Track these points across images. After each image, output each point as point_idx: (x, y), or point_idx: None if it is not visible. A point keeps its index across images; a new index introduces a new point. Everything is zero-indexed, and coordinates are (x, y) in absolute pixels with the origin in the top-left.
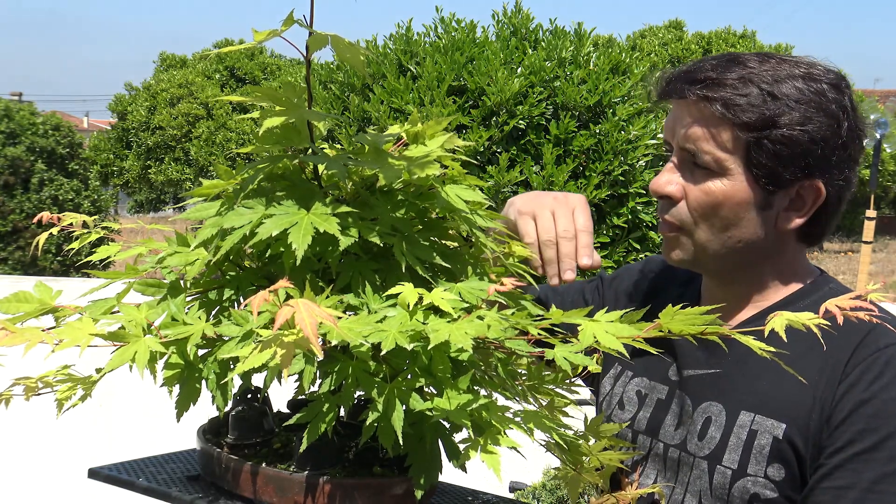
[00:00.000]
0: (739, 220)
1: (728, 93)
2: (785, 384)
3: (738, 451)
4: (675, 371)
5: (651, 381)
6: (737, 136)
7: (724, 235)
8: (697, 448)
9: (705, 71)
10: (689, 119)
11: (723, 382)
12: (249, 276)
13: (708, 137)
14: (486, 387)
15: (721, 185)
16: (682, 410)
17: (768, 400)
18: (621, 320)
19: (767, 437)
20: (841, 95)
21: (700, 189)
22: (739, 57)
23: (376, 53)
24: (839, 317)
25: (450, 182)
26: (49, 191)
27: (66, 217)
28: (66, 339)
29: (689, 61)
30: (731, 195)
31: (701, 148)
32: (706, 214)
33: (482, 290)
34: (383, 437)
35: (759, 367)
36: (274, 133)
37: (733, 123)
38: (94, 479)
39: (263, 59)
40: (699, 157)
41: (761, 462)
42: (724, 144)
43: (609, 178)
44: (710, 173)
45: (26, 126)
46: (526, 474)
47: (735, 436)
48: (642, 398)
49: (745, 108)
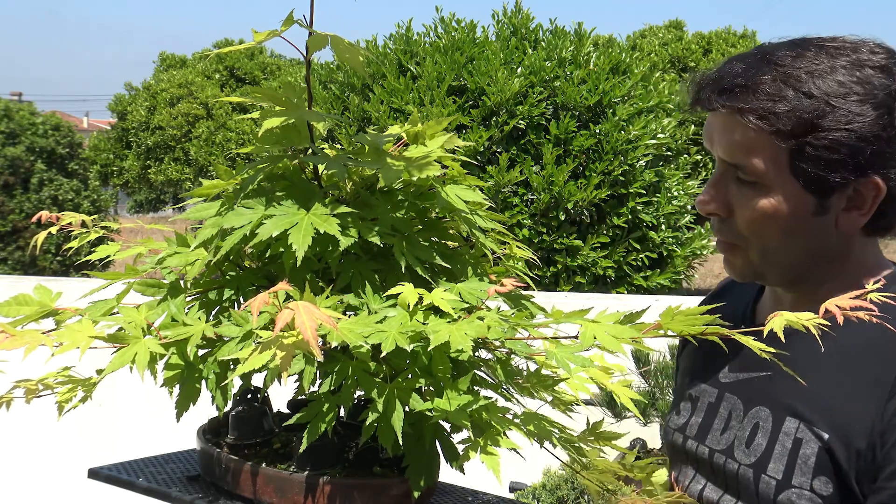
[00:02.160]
0: (795, 231)
1: (761, 101)
2: (832, 390)
3: (783, 461)
4: (725, 374)
5: (703, 384)
6: (776, 145)
7: (781, 248)
8: (744, 455)
9: (734, 77)
10: (723, 131)
11: (773, 386)
12: (249, 276)
13: (746, 151)
14: (486, 387)
15: (769, 200)
16: (731, 415)
17: (814, 407)
18: (621, 321)
19: (812, 447)
20: (891, 79)
21: (748, 206)
22: (771, 54)
23: (376, 53)
24: (839, 316)
25: (450, 182)
26: (49, 191)
27: (65, 216)
28: (66, 342)
29: (689, 62)
30: (780, 209)
31: (740, 162)
32: (758, 231)
33: (482, 290)
34: (383, 437)
35: (809, 371)
36: (274, 133)
37: (770, 133)
38: (94, 479)
39: (263, 59)
40: (742, 171)
41: (806, 474)
42: (765, 156)
43: (609, 178)
44: (755, 187)
45: (26, 126)
46: (526, 474)
47: (780, 444)
48: (694, 402)
49: (781, 115)
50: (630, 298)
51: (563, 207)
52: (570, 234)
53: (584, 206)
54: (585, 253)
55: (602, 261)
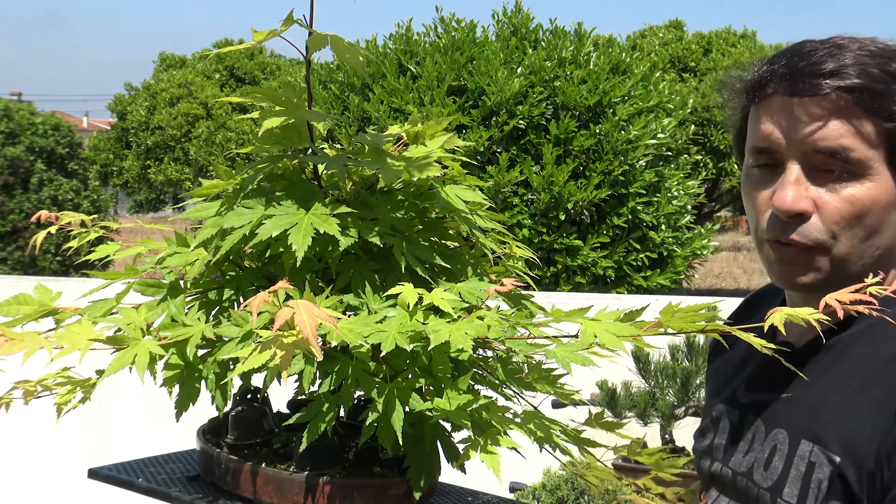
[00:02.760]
0: (883, 225)
1: (864, 80)
2: (846, 412)
3: (798, 485)
4: (743, 393)
5: (724, 404)
6: (881, 128)
7: (866, 245)
8: (762, 478)
9: (822, 62)
10: (819, 117)
11: (791, 408)
12: (249, 276)
13: (852, 134)
14: (486, 386)
15: (865, 188)
16: (754, 437)
17: (828, 429)
18: (621, 320)
19: (825, 471)
20: None
21: (840, 198)
22: (838, 40)
23: (376, 53)
24: (839, 311)
25: (450, 182)
26: (48, 191)
27: (65, 216)
28: (65, 344)
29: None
30: (877, 198)
31: (844, 146)
32: (849, 225)
33: (482, 290)
34: (383, 437)
35: (825, 392)
36: (274, 133)
37: (877, 114)
38: (94, 479)
39: (263, 59)
40: (842, 158)
41: (819, 498)
42: (870, 139)
43: (609, 178)
44: (849, 177)
45: (26, 126)
46: (526, 474)
47: (795, 468)
48: (716, 423)
49: (886, 93)
50: (630, 298)
51: (563, 207)
52: (570, 234)
53: (584, 206)
54: (585, 253)
55: (602, 261)
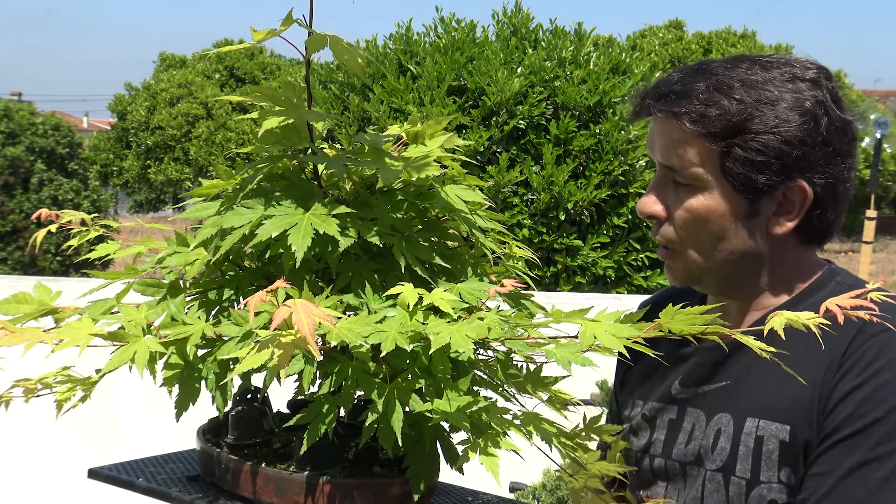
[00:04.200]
0: (726, 233)
1: (694, 104)
2: (787, 386)
3: (749, 460)
4: (678, 389)
5: (657, 402)
6: (708, 147)
7: (715, 250)
8: (710, 461)
9: (671, 84)
10: (661, 135)
11: (731, 393)
12: (249, 276)
13: (681, 153)
14: (486, 387)
15: (702, 199)
16: (694, 427)
17: (771, 403)
18: (621, 321)
19: (774, 442)
20: (818, 90)
21: (683, 207)
22: (707, 65)
23: (376, 53)
24: (840, 316)
25: (450, 182)
26: (49, 191)
27: (65, 214)
28: (65, 339)
29: (689, 61)
30: (713, 209)
31: (675, 164)
32: (693, 232)
33: (482, 290)
34: (383, 437)
35: (763, 373)
36: (273, 133)
37: (702, 136)
38: (94, 479)
39: (263, 59)
40: (678, 174)
41: (772, 468)
42: (697, 159)
43: (609, 178)
44: (690, 189)
45: (26, 126)
46: (526, 474)
47: (743, 444)
48: (650, 421)
49: (713, 118)
50: (630, 298)
51: (563, 207)
52: (570, 234)
53: (584, 206)
54: (585, 253)
55: (602, 261)
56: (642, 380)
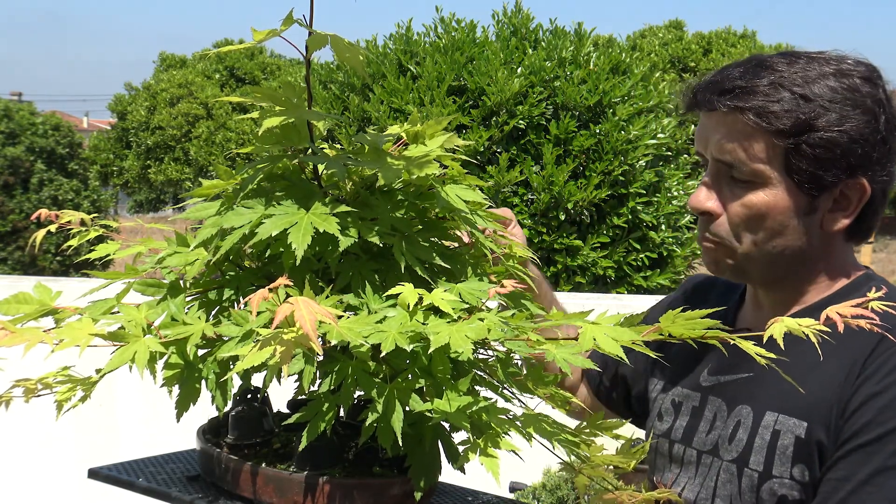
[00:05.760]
0: (784, 229)
1: (760, 100)
2: (808, 383)
3: (763, 453)
4: (706, 377)
5: (685, 389)
6: (773, 144)
7: (769, 245)
8: (727, 452)
9: (734, 79)
10: (722, 131)
11: (754, 385)
12: (249, 275)
13: (744, 149)
14: (486, 387)
15: (762, 196)
16: (716, 416)
17: (791, 399)
18: (621, 324)
19: (790, 438)
20: (875, 88)
21: (741, 203)
22: (767, 61)
23: (376, 53)
24: (840, 324)
25: (450, 182)
26: (49, 191)
27: (64, 215)
28: (65, 339)
29: (689, 62)
30: (773, 205)
31: (738, 159)
32: (750, 228)
33: (482, 290)
34: (383, 437)
35: (786, 367)
36: (274, 133)
37: (769, 132)
38: (94, 479)
39: (263, 59)
40: (737, 170)
41: (786, 463)
42: (762, 154)
43: (609, 178)
44: (749, 185)
45: (26, 126)
46: (526, 474)
47: (759, 437)
48: (677, 407)
49: (780, 114)
50: (630, 299)
51: (563, 207)
52: (570, 234)
53: (584, 206)
54: (585, 253)
55: (602, 261)
56: (675, 364)
